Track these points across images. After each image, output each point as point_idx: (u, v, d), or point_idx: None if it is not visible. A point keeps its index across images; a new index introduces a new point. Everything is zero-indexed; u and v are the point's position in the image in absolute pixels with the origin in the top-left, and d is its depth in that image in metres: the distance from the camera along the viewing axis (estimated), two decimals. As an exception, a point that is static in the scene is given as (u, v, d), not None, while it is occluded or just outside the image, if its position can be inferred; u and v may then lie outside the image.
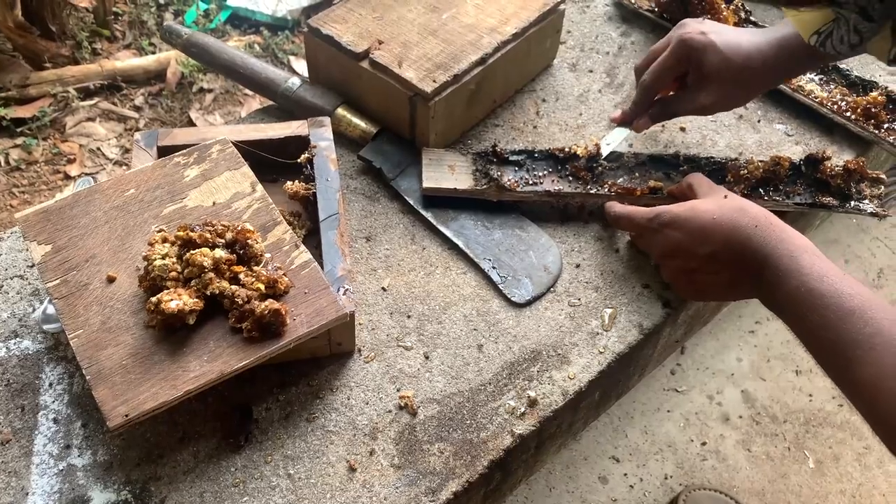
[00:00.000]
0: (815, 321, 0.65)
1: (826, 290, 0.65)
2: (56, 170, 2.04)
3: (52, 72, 2.16)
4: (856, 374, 0.61)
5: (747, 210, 0.73)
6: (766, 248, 0.70)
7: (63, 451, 0.68)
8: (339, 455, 0.70)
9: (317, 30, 0.94)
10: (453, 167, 0.89)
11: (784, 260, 0.69)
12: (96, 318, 0.67)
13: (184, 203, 0.76)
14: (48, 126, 2.09)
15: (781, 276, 0.68)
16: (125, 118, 2.18)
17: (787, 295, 0.68)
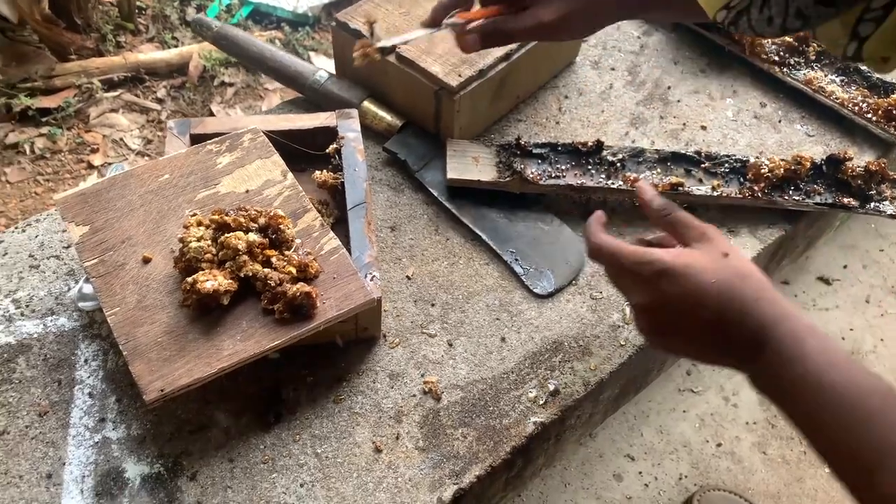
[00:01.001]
0: (826, 420, 0.56)
1: (840, 383, 0.56)
2: (79, 159, 2.07)
3: (77, 63, 2.19)
4: (884, 487, 0.52)
5: (750, 277, 0.63)
6: (766, 326, 0.60)
7: (98, 423, 0.70)
8: (365, 436, 0.71)
9: (345, 24, 0.95)
10: (477, 159, 0.91)
11: (787, 341, 0.59)
12: (132, 297, 0.69)
13: (216, 189, 0.78)
14: (72, 116, 2.12)
15: (785, 360, 0.59)
16: (147, 110, 2.21)
17: (791, 383, 0.58)
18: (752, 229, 0.90)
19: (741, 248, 0.68)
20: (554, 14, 0.69)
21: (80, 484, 0.67)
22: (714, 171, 0.91)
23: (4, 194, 1.93)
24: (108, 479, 0.67)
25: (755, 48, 1.06)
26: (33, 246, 0.83)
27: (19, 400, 0.72)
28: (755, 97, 1.06)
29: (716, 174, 0.91)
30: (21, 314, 0.77)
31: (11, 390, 0.72)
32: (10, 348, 0.75)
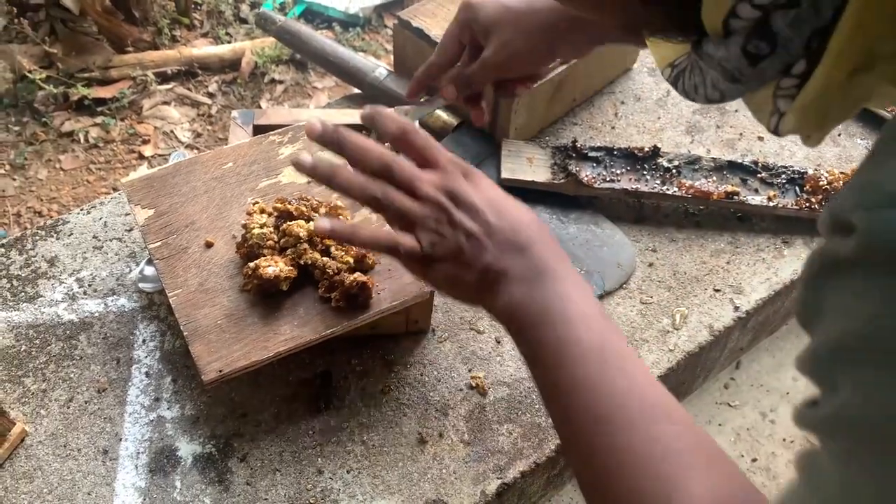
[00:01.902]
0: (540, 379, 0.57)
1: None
2: (131, 149, 2.12)
3: (133, 55, 2.24)
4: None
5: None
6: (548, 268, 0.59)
7: (154, 402, 0.72)
8: (412, 427, 0.72)
9: (407, 22, 0.97)
10: (532, 159, 0.91)
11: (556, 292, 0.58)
12: (194, 280, 0.71)
13: (278, 179, 0.79)
14: (126, 107, 2.18)
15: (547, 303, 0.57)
16: (198, 104, 2.25)
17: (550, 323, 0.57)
18: (806, 241, 0.89)
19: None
20: (495, 54, 0.75)
21: (135, 460, 0.69)
22: (770, 182, 0.90)
23: (58, 181, 1.99)
24: (161, 456, 0.69)
25: (815, 61, 1.05)
26: (97, 228, 0.85)
27: (80, 376, 0.74)
28: (813, 110, 1.05)
29: (772, 185, 0.90)
30: (84, 293, 0.80)
31: (73, 366, 0.74)
32: (73, 326, 0.77)
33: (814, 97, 0.35)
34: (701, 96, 0.45)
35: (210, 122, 2.22)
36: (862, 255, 0.30)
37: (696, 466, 0.50)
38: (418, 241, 0.60)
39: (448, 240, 0.60)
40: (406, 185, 0.61)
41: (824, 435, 0.34)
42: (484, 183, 0.63)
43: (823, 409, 0.33)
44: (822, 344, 0.33)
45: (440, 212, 0.60)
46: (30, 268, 0.81)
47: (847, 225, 0.30)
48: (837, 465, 0.33)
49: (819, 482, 0.34)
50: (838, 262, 0.32)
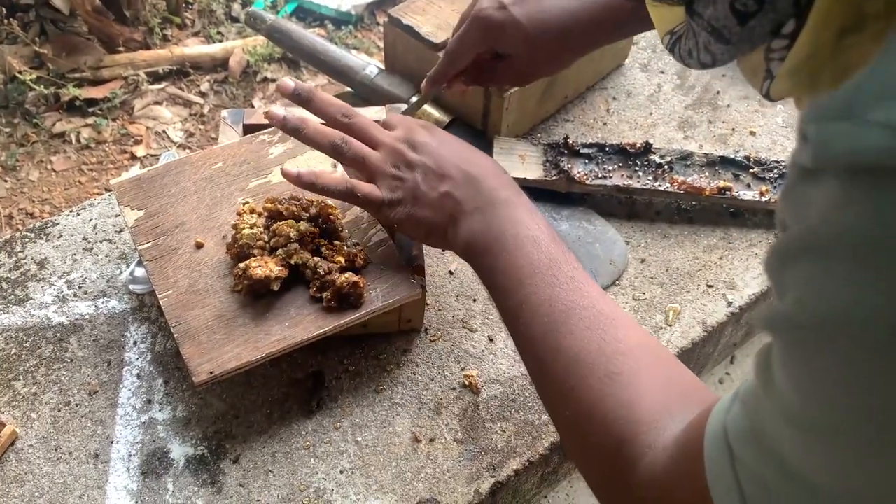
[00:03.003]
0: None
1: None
2: (123, 150, 2.11)
3: (124, 55, 2.23)
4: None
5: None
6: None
7: (145, 405, 0.72)
8: (405, 426, 0.72)
9: (397, 20, 0.96)
10: (524, 157, 0.91)
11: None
12: (184, 281, 0.70)
13: (268, 178, 0.79)
14: (118, 107, 2.17)
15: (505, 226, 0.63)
16: (190, 103, 2.25)
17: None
18: (799, 237, 0.89)
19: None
20: (521, 73, 0.80)
21: (127, 463, 0.68)
22: (762, 177, 0.90)
23: (50, 182, 1.98)
24: (153, 458, 0.69)
25: (807, 55, 1.05)
26: (87, 229, 0.85)
27: (70, 379, 0.73)
28: (805, 104, 1.05)
29: (764, 179, 0.90)
30: (74, 295, 0.79)
31: (63, 369, 0.74)
32: (63, 328, 0.77)
33: (803, 58, 0.35)
34: (695, 60, 0.46)
35: (202, 122, 2.21)
36: (812, 164, 0.31)
37: (646, 366, 0.53)
38: (378, 187, 0.66)
39: (406, 181, 0.66)
40: (365, 135, 0.69)
41: (773, 332, 0.35)
42: (440, 132, 0.70)
43: (773, 309, 0.34)
44: (775, 248, 0.34)
45: (397, 156, 0.67)
46: (19, 270, 0.81)
47: (804, 135, 0.32)
48: (782, 361, 0.34)
49: (768, 377, 0.35)
50: (798, 170, 0.33)
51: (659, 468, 0.46)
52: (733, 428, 0.39)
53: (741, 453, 0.38)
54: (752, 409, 0.38)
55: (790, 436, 0.34)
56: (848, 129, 0.29)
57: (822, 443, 0.33)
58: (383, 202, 0.66)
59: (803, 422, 0.33)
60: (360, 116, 0.70)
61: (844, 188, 0.29)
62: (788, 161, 0.37)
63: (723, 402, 0.41)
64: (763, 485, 0.36)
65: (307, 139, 0.68)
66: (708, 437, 0.40)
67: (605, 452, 0.50)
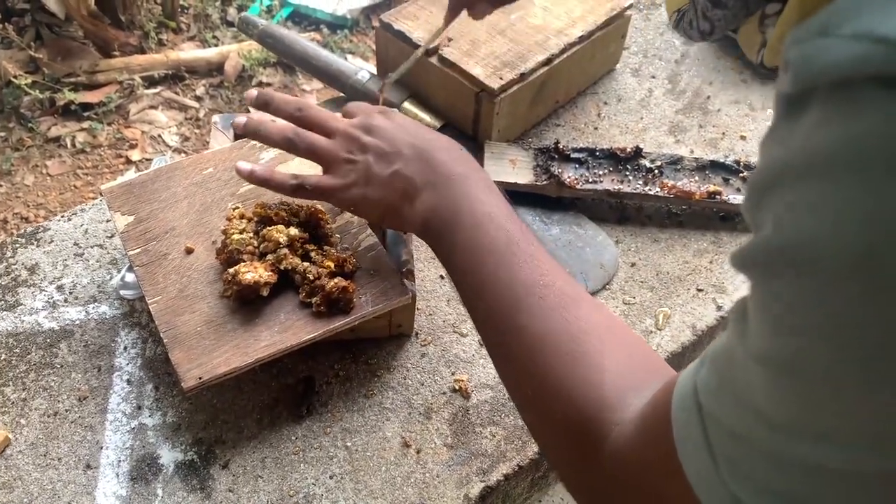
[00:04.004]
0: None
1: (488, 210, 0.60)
2: (118, 154, 2.11)
3: (120, 60, 2.24)
4: (521, 322, 0.54)
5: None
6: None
7: (135, 410, 0.72)
8: (395, 431, 0.72)
9: (389, 25, 0.97)
10: (515, 162, 0.91)
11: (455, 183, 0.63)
12: (174, 287, 0.70)
13: (258, 183, 0.79)
14: (113, 112, 2.17)
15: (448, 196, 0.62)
16: (186, 107, 2.25)
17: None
18: (789, 241, 0.89)
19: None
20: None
21: (116, 468, 0.68)
22: (752, 181, 0.90)
23: (45, 186, 1.98)
24: (143, 464, 0.69)
25: (797, 59, 1.05)
26: (78, 235, 0.85)
27: (60, 384, 0.73)
28: (796, 108, 1.05)
29: (754, 184, 0.90)
30: (65, 301, 0.79)
31: (53, 374, 0.74)
32: (54, 334, 0.77)
33: (794, 21, 0.35)
34: (695, 30, 0.47)
35: (198, 126, 2.21)
36: (793, 87, 0.30)
37: (610, 345, 0.52)
38: (332, 175, 0.67)
39: (358, 163, 0.66)
40: (321, 126, 0.69)
41: (747, 269, 0.33)
42: (399, 116, 0.70)
43: (749, 244, 0.33)
44: (751, 182, 0.33)
45: (350, 141, 0.67)
46: (10, 276, 0.81)
47: (786, 63, 0.31)
48: (757, 301, 0.33)
49: (743, 326, 0.34)
50: (782, 103, 0.31)
51: (625, 440, 0.45)
52: (703, 385, 0.37)
53: (711, 407, 0.36)
54: (722, 362, 0.36)
55: (763, 378, 0.33)
56: (825, 44, 0.28)
57: (795, 380, 0.31)
58: (335, 188, 0.66)
59: (777, 359, 0.32)
60: (314, 109, 0.71)
61: (824, 108, 0.28)
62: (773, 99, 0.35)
63: (691, 366, 0.40)
64: (733, 435, 0.35)
65: (263, 138, 0.70)
66: (675, 400, 0.39)
67: (572, 432, 0.49)
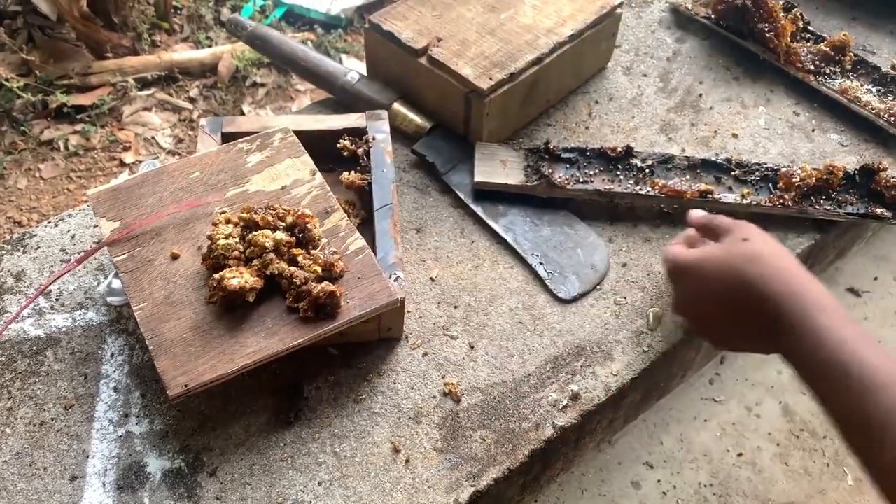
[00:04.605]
0: (835, 395, 0.59)
1: (846, 359, 0.58)
2: (112, 156, 2.10)
3: (112, 62, 2.23)
4: (885, 458, 0.54)
5: (758, 259, 0.66)
6: (775, 301, 0.63)
7: (122, 418, 0.71)
8: (384, 436, 0.71)
9: (378, 26, 0.96)
10: (505, 162, 0.91)
11: (797, 317, 0.61)
12: (160, 293, 0.70)
13: (246, 187, 0.79)
14: (106, 114, 2.16)
15: (796, 336, 0.61)
16: (179, 109, 2.24)
17: (802, 359, 0.61)
18: (781, 238, 0.89)
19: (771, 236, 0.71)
20: None
21: (103, 477, 0.68)
22: (744, 180, 0.90)
23: (38, 190, 1.97)
24: (129, 473, 0.68)
25: (790, 56, 1.05)
26: (65, 240, 0.84)
27: (46, 393, 0.73)
28: (789, 106, 1.05)
29: (746, 182, 0.89)
30: (51, 308, 0.79)
31: (39, 383, 0.73)
32: (40, 341, 0.76)
33: None
34: None
35: (192, 128, 2.21)
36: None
37: None
38: None
39: None
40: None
41: None
42: None
43: None
44: None
45: None
46: (-3, 283, 0.80)
47: None
48: None
49: None
50: None
51: None
52: None
53: None
54: None
55: None
56: None
57: None
58: None
59: None
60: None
61: None
62: None
63: None
64: None
65: None
66: None
67: None
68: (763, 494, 1.24)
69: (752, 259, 0.66)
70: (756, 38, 1.07)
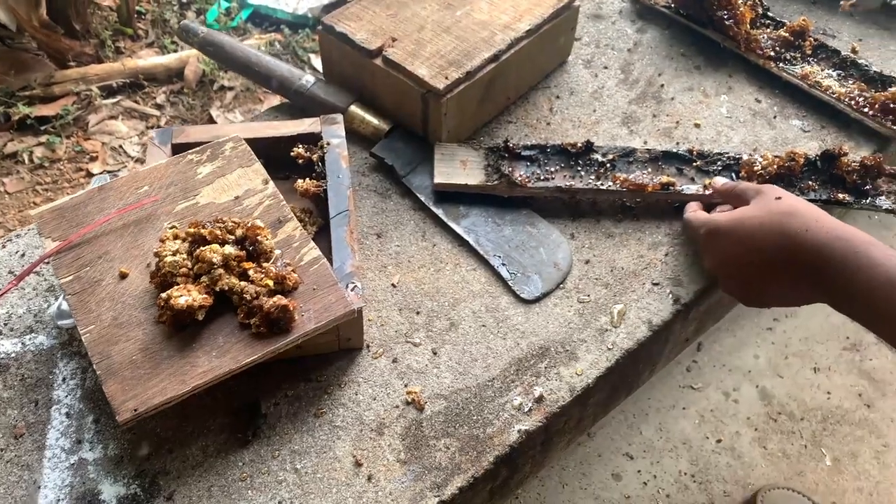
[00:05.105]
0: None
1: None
2: (79, 167, 2.07)
3: (75, 70, 2.19)
4: None
5: (797, 213, 0.69)
6: (822, 249, 0.66)
7: (75, 445, 0.69)
8: (346, 450, 0.70)
9: (331, 27, 0.94)
10: (465, 162, 0.89)
11: (850, 256, 0.65)
12: (108, 314, 0.68)
13: (196, 200, 0.77)
14: (71, 124, 2.12)
15: (849, 274, 0.64)
16: (147, 116, 2.20)
17: (861, 291, 0.64)
18: (746, 229, 0.88)
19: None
20: None
21: (58, 505, 0.66)
22: (706, 170, 0.89)
23: (3, 205, 1.93)
24: (83, 502, 0.66)
25: (750, 43, 1.04)
26: (13, 262, 0.82)
27: (-2, 419, 0.71)
28: (750, 93, 1.04)
29: (708, 172, 0.88)
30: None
31: (-10, 409, 0.71)
32: (-11, 366, 0.74)
33: None
34: None
35: (160, 134, 2.17)
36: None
37: None
38: None
39: None
40: None
41: None
42: None
43: None
44: None
45: None
46: (-57, 309, 0.78)
47: None
48: None
49: None
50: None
51: None
52: None
53: None
54: None
55: None
56: None
57: None
58: None
59: None
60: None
61: None
62: None
63: None
64: None
65: None
66: None
67: None
68: (743, 479, 1.25)
69: (791, 214, 0.69)
70: (716, 26, 1.05)
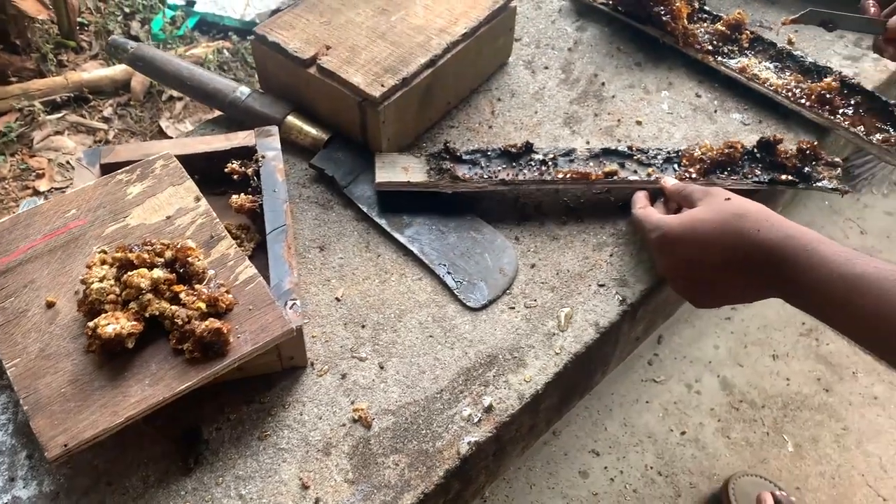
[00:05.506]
0: (853, 307, 0.62)
1: (859, 270, 0.62)
2: (25, 185, 2.01)
3: (17, 86, 2.13)
4: None
5: (748, 214, 0.70)
6: (775, 248, 0.67)
7: (8, 483, 0.67)
8: (292, 473, 0.68)
9: (263, 37, 0.92)
10: (407, 169, 0.88)
11: (801, 255, 0.66)
12: (35, 346, 0.66)
13: (126, 222, 0.74)
14: (15, 141, 2.07)
15: (801, 271, 0.65)
16: (94, 130, 2.15)
17: (813, 288, 0.65)
18: (690, 225, 0.88)
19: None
20: None
21: (-7, 546, 0.64)
22: (648, 163, 0.89)
23: (-54, 227, 1.88)
24: (21, 539, 0.64)
25: (688, 38, 1.04)
26: (-61, 293, 0.79)
27: (-74, 460, 0.68)
28: (690, 88, 1.04)
29: (650, 165, 0.88)
30: (-73, 368, 0.73)
31: (-83, 450, 0.68)
32: (-85, 405, 0.71)
33: None
34: None
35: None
36: None
37: None
38: None
39: None
40: None
41: None
42: None
43: None
44: None
45: None
46: None
47: None
48: None
49: None
50: None
51: None
52: None
53: None
54: None
55: None
56: None
57: None
58: None
59: None
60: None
61: None
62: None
63: None
64: None
65: None
66: None
67: None
68: (708, 470, 1.25)
69: (742, 215, 0.70)
70: (654, 21, 1.05)
